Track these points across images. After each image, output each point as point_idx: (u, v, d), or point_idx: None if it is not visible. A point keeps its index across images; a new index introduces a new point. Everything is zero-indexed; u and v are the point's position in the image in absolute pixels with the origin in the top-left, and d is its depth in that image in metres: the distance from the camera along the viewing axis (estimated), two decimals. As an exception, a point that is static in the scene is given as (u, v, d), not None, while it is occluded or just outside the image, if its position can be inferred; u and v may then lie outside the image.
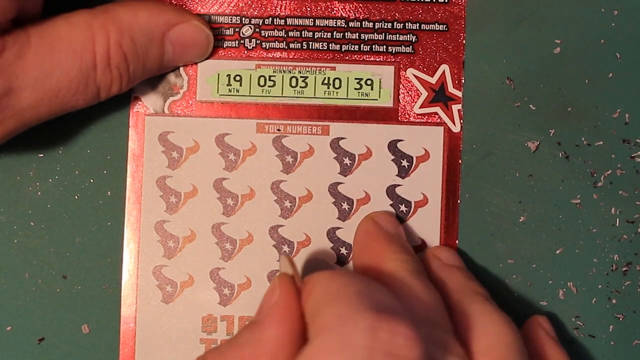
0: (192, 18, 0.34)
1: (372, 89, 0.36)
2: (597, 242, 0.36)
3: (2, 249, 0.36)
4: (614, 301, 0.36)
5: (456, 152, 0.36)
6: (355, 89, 0.36)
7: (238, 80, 0.36)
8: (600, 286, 0.36)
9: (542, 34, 0.36)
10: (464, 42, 0.36)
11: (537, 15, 0.36)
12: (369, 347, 0.29)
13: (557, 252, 0.36)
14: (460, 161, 0.36)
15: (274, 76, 0.36)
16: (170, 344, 0.36)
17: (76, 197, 0.36)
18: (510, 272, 0.36)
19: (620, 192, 0.36)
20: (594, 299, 0.36)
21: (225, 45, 0.36)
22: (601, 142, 0.36)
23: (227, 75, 0.36)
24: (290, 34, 0.36)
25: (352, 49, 0.36)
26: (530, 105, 0.36)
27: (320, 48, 0.36)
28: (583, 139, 0.36)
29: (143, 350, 0.36)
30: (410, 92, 0.36)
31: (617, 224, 0.36)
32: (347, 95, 0.36)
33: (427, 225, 0.36)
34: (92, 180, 0.36)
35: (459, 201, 0.36)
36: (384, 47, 0.36)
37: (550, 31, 0.36)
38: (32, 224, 0.36)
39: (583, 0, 0.36)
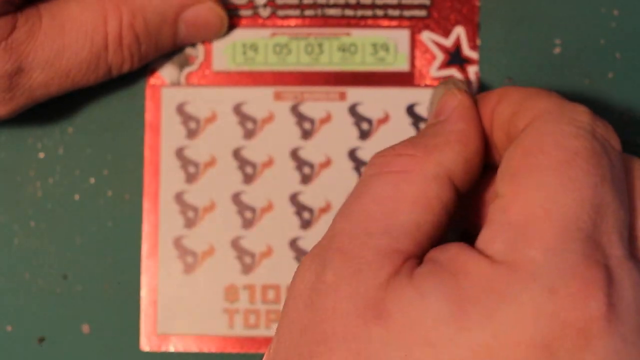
0: None
1: (387, 54, 0.36)
2: (597, 242, 0.36)
3: (2, 249, 0.36)
4: (614, 301, 0.36)
5: None
6: (371, 54, 0.36)
7: (254, 49, 0.36)
8: (600, 286, 0.36)
9: (542, 34, 0.36)
10: (478, 3, 0.36)
11: (537, 15, 0.36)
12: (592, 126, 0.29)
13: (558, 251, 0.36)
14: None
15: (290, 44, 0.36)
16: (192, 314, 0.36)
17: (76, 197, 0.36)
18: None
19: (621, 192, 0.36)
20: (595, 299, 0.36)
21: (239, 15, 0.36)
22: (601, 142, 0.36)
23: (242, 45, 0.36)
24: (304, 1, 0.36)
25: (366, 14, 0.36)
26: (531, 105, 0.36)
27: (335, 15, 0.36)
28: (583, 138, 0.36)
29: (165, 321, 0.36)
30: (425, 56, 0.36)
31: (618, 224, 0.36)
32: (363, 61, 0.36)
33: None
34: (92, 181, 0.36)
35: None
36: (399, 11, 0.36)
37: (550, 31, 0.36)
38: (32, 224, 0.36)
39: (583, 0, 0.36)
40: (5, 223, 0.36)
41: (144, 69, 0.36)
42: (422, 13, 0.36)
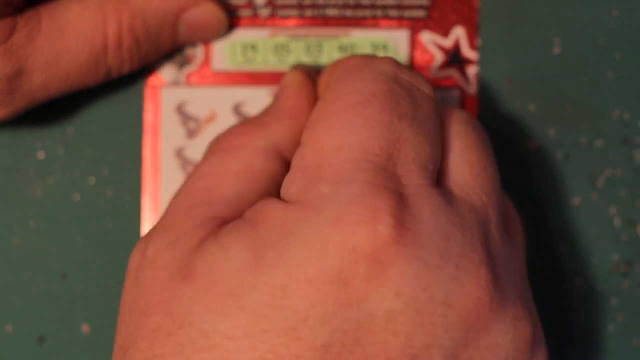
0: (206, 1, 0.34)
1: (387, 55, 0.36)
2: (596, 242, 0.36)
3: (2, 249, 0.36)
4: (614, 301, 0.36)
5: (473, 114, 0.36)
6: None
7: (254, 49, 0.36)
8: (600, 286, 0.36)
9: (542, 34, 0.36)
10: (478, 4, 0.36)
11: (537, 15, 0.36)
12: (395, 72, 0.29)
13: (557, 252, 0.36)
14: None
15: (290, 44, 0.36)
16: None
17: (76, 198, 0.36)
18: (510, 272, 0.36)
19: (620, 192, 0.36)
20: (594, 299, 0.36)
21: (239, 15, 0.36)
22: (601, 142, 0.36)
23: (242, 45, 0.36)
24: (304, 1, 0.36)
25: (366, 15, 0.36)
26: (530, 105, 0.36)
27: (335, 15, 0.36)
28: (583, 139, 0.36)
29: None
30: (425, 56, 0.36)
31: (617, 224, 0.36)
32: None
33: None
34: (92, 181, 0.36)
35: None
36: (398, 12, 0.36)
37: (550, 31, 0.36)
38: (32, 224, 0.36)
39: (583, 0, 0.36)
40: (5, 223, 0.36)
41: (144, 70, 0.36)
42: (421, 14, 0.36)
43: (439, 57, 0.36)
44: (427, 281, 0.27)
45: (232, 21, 0.36)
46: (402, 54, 0.36)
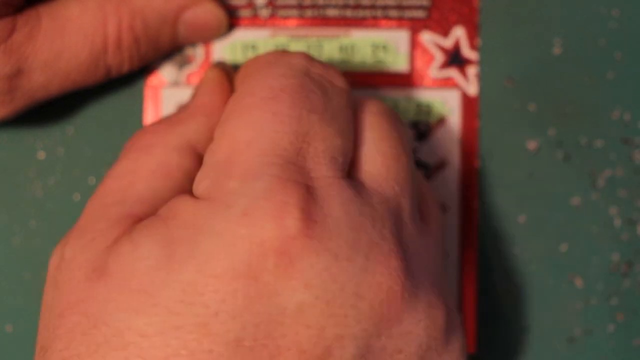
0: (205, 1, 0.34)
1: (387, 55, 0.36)
2: (596, 242, 0.36)
3: (2, 249, 0.36)
4: (614, 301, 0.36)
5: (472, 115, 0.36)
6: (371, 54, 0.36)
7: (254, 49, 0.36)
8: (600, 286, 0.36)
9: (542, 34, 0.36)
10: (478, 4, 0.36)
11: (537, 15, 0.36)
12: (306, 66, 0.30)
13: (557, 252, 0.36)
14: (477, 124, 0.36)
15: (290, 44, 0.36)
16: None
17: (76, 198, 0.36)
18: (510, 273, 0.36)
19: (620, 192, 0.36)
20: (594, 299, 0.36)
21: (239, 15, 0.36)
22: (601, 142, 0.36)
23: (242, 45, 0.36)
24: (304, 1, 0.36)
25: (366, 15, 0.36)
26: (530, 105, 0.36)
27: (335, 15, 0.36)
28: (583, 139, 0.36)
29: None
30: (425, 56, 0.36)
31: (617, 224, 0.36)
32: (362, 62, 0.36)
33: (446, 188, 0.36)
34: (92, 181, 0.36)
35: (477, 164, 0.36)
36: (398, 12, 0.36)
37: (550, 31, 0.36)
38: (32, 224, 0.36)
39: (583, 0, 0.36)
40: (5, 223, 0.36)
41: (144, 69, 0.36)
42: (421, 14, 0.36)
43: (439, 57, 0.36)
44: (337, 272, 0.27)
45: (232, 21, 0.36)
46: (402, 54, 0.36)
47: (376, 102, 0.31)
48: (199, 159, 0.31)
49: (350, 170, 0.30)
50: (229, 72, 0.33)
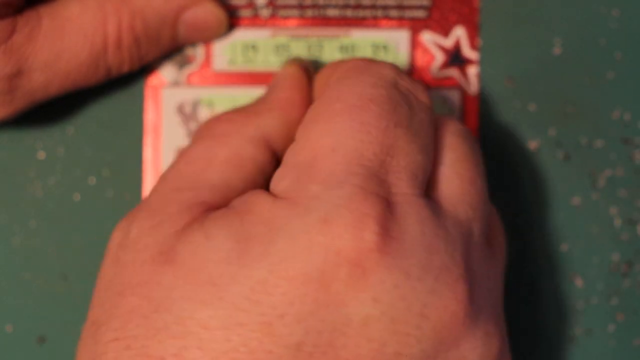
0: (205, 1, 0.34)
1: (387, 54, 0.36)
2: (596, 242, 0.36)
3: (2, 249, 0.36)
4: (614, 301, 0.36)
5: (473, 115, 0.36)
6: (371, 54, 0.36)
7: (254, 49, 0.36)
8: (600, 286, 0.36)
9: (542, 34, 0.36)
10: (478, 4, 0.36)
11: (537, 15, 0.36)
12: (395, 78, 0.29)
13: (557, 252, 0.36)
14: (477, 124, 0.36)
15: (290, 44, 0.36)
16: None
17: (76, 198, 0.36)
18: (509, 273, 0.36)
19: (620, 192, 0.36)
20: (594, 299, 0.36)
21: (239, 15, 0.36)
22: (601, 142, 0.36)
23: (242, 45, 0.36)
24: (305, 1, 0.36)
25: (366, 15, 0.36)
26: (530, 105, 0.36)
27: (335, 15, 0.36)
28: (583, 139, 0.36)
29: None
30: (425, 56, 0.36)
31: (617, 224, 0.36)
32: None
33: None
34: (92, 181, 0.36)
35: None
36: (399, 11, 0.36)
37: (550, 31, 0.36)
38: (32, 224, 0.36)
39: (583, 0, 0.36)
40: (5, 223, 0.36)
41: (144, 69, 0.36)
42: (422, 14, 0.36)
43: (439, 57, 0.36)
44: (406, 291, 0.27)
45: (232, 21, 0.36)
46: (402, 54, 0.36)
47: (456, 123, 0.31)
48: (271, 154, 0.31)
49: (426, 189, 0.29)
50: (307, 69, 0.33)
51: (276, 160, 0.31)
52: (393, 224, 0.27)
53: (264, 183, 0.30)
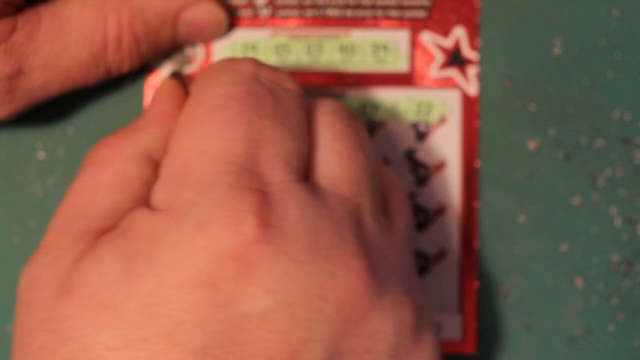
0: (205, 0, 0.34)
1: (387, 55, 0.36)
2: (596, 242, 0.36)
3: (2, 249, 0.36)
4: (614, 301, 0.36)
5: (473, 115, 0.36)
6: (371, 55, 0.36)
7: (254, 49, 0.36)
8: (600, 286, 0.36)
9: (542, 34, 0.36)
10: (478, 4, 0.36)
11: (537, 15, 0.36)
12: (254, 72, 0.30)
13: (557, 252, 0.36)
14: (477, 124, 0.36)
15: (290, 44, 0.36)
16: None
17: (76, 197, 0.36)
18: (510, 272, 0.36)
19: (620, 192, 0.36)
20: (594, 299, 0.36)
21: (239, 15, 0.36)
22: (601, 142, 0.36)
23: (242, 45, 0.36)
24: (304, 1, 0.36)
25: (366, 15, 0.36)
26: (530, 105, 0.36)
27: (335, 15, 0.36)
28: (583, 139, 0.36)
29: None
30: (425, 57, 0.36)
31: (617, 224, 0.36)
32: (362, 62, 0.36)
33: (446, 188, 0.36)
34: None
35: (477, 164, 0.36)
36: (398, 12, 0.36)
37: (550, 31, 0.36)
38: (32, 224, 0.36)
39: (583, 0, 0.36)
40: (5, 223, 0.36)
41: (144, 69, 0.36)
42: (421, 14, 0.36)
43: (439, 57, 0.36)
44: (297, 276, 0.27)
45: (232, 21, 0.36)
46: (402, 54, 0.36)
47: (329, 102, 0.31)
48: (156, 168, 0.31)
49: (307, 173, 0.30)
50: (184, 82, 0.33)
51: None
52: (271, 213, 0.27)
53: None
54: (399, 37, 0.36)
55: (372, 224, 0.29)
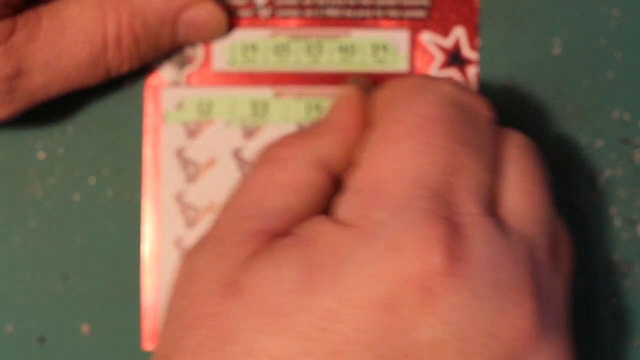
0: (205, 1, 0.34)
1: (387, 55, 0.36)
2: (597, 242, 0.36)
3: (2, 249, 0.36)
4: (614, 301, 0.36)
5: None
6: (371, 54, 0.36)
7: (254, 49, 0.36)
8: (600, 286, 0.36)
9: (542, 34, 0.36)
10: (478, 4, 0.36)
11: (537, 15, 0.36)
12: (456, 95, 0.29)
13: (557, 252, 0.36)
14: None
15: (290, 44, 0.36)
16: None
17: (76, 198, 0.36)
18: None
19: (620, 192, 0.36)
20: (594, 299, 0.36)
21: (239, 15, 0.36)
22: (601, 142, 0.36)
23: (242, 45, 0.36)
24: (304, 1, 0.36)
25: (366, 15, 0.36)
26: (530, 105, 0.36)
27: (335, 15, 0.36)
28: (583, 139, 0.36)
29: None
30: (425, 57, 0.36)
31: (617, 224, 0.36)
32: (362, 62, 0.36)
33: None
34: (92, 181, 0.36)
35: None
36: (398, 12, 0.36)
37: (550, 31, 0.36)
38: (32, 224, 0.36)
39: (583, 0, 0.36)
40: (5, 223, 0.36)
41: (144, 69, 0.36)
42: (421, 14, 0.36)
43: (439, 57, 0.36)
44: (474, 311, 0.27)
45: (232, 21, 0.36)
46: (401, 54, 0.36)
47: (519, 135, 0.31)
48: (330, 176, 0.30)
49: (492, 205, 0.29)
50: (366, 89, 0.33)
51: (335, 183, 0.31)
52: (460, 245, 0.27)
53: (324, 206, 0.30)
54: (399, 37, 0.36)
55: (546, 266, 0.29)
